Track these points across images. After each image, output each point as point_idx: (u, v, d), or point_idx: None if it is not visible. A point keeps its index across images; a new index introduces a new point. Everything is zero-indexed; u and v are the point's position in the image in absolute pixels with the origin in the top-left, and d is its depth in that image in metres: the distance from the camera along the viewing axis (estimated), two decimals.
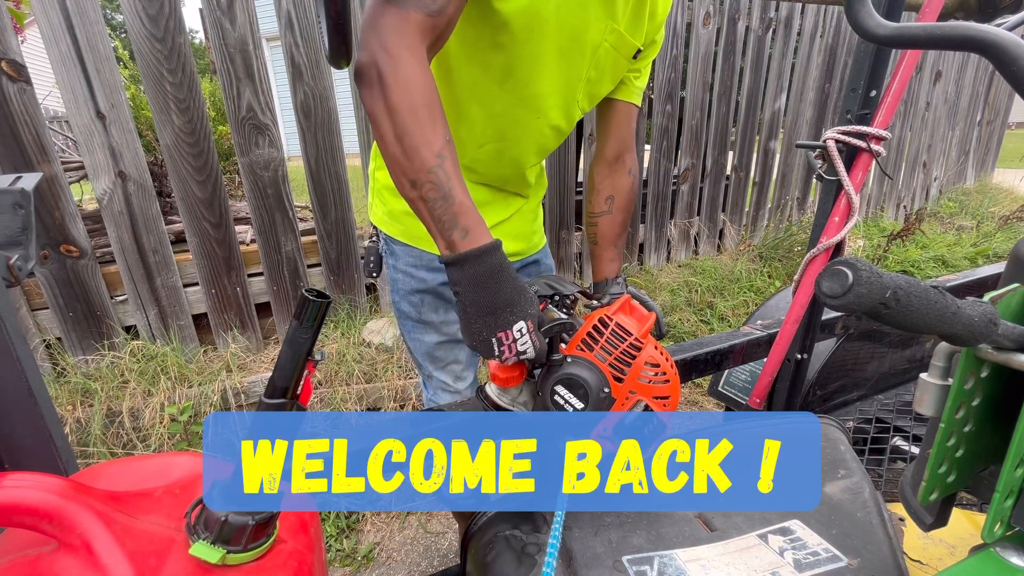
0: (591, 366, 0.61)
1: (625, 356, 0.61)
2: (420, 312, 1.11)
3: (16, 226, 0.54)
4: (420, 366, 1.20)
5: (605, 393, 0.60)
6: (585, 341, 0.63)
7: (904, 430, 1.19)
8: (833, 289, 0.32)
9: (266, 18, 2.36)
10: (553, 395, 0.61)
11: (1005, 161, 6.64)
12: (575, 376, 0.60)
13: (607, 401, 0.61)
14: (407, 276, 1.08)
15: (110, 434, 1.84)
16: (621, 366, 0.61)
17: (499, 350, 0.60)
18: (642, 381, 0.61)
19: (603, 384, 0.60)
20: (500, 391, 0.66)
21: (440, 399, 1.22)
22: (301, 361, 0.44)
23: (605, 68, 0.92)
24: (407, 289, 1.09)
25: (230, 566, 0.43)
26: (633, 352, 0.61)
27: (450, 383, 1.18)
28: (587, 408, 0.60)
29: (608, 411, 0.61)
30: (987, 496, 0.43)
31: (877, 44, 0.70)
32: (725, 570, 0.54)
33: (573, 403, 0.60)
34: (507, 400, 0.66)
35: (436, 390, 1.22)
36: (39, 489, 0.38)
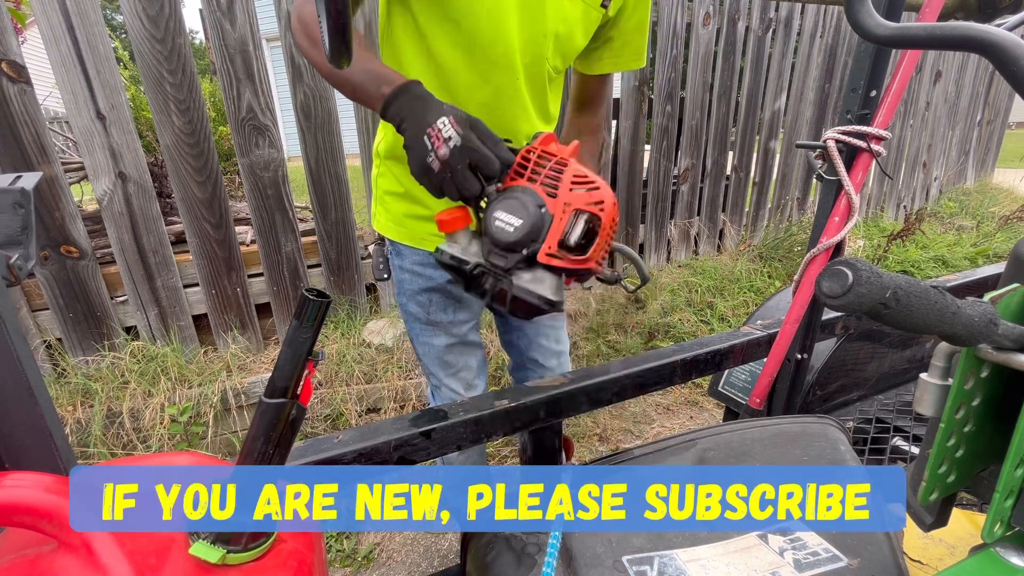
0: (524, 188, 0.66)
1: (553, 173, 0.65)
2: (429, 312, 1.09)
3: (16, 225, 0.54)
4: (430, 375, 1.18)
5: (542, 209, 0.64)
6: (516, 172, 0.67)
7: (904, 430, 1.19)
8: (833, 289, 0.32)
9: (266, 18, 2.37)
10: (493, 222, 0.65)
11: (1005, 161, 6.64)
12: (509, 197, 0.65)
13: (545, 217, 0.64)
14: (414, 275, 1.07)
15: (110, 434, 1.84)
16: (551, 183, 0.65)
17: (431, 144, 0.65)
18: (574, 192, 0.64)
19: (537, 200, 0.64)
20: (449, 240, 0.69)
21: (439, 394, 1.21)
22: (301, 361, 0.44)
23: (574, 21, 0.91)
24: (415, 289, 1.08)
25: (230, 566, 0.43)
26: (560, 168, 0.65)
27: (461, 392, 1.16)
28: (524, 223, 0.63)
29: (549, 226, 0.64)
30: (987, 496, 0.43)
31: (877, 44, 0.70)
32: (725, 570, 0.54)
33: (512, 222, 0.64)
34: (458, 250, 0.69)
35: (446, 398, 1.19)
36: (39, 488, 0.38)
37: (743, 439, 0.75)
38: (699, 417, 2.32)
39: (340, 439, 0.73)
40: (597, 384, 0.86)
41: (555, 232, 0.64)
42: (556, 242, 0.64)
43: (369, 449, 0.72)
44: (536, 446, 0.87)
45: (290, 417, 0.45)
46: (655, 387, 0.94)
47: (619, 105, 2.89)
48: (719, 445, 0.75)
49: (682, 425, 2.27)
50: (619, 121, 2.92)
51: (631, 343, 2.68)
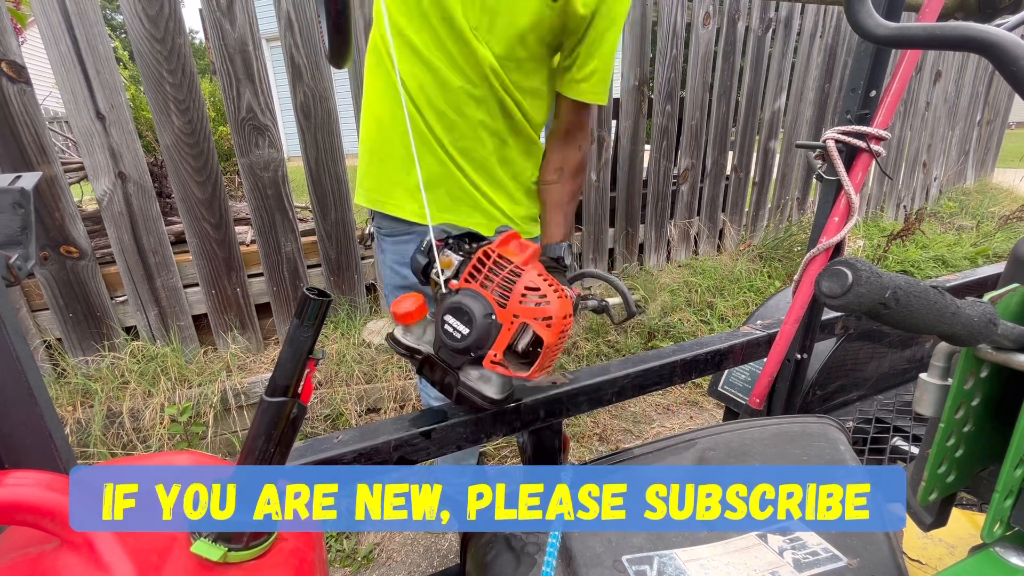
0: (475, 295, 0.67)
1: (506, 283, 0.66)
2: None
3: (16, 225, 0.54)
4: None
5: (490, 318, 0.66)
6: (471, 274, 0.68)
7: (904, 430, 1.19)
8: (833, 289, 0.32)
9: (266, 18, 2.36)
10: (443, 324, 0.67)
11: (1005, 161, 6.64)
12: (459, 304, 0.67)
13: (493, 326, 0.66)
14: (393, 272, 1.14)
15: (110, 435, 1.84)
16: (504, 292, 0.66)
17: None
18: (524, 305, 0.65)
19: (487, 310, 0.66)
20: (404, 331, 0.72)
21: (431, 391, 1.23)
22: (302, 360, 0.44)
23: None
24: (393, 285, 1.15)
25: (231, 564, 0.43)
26: (513, 278, 0.66)
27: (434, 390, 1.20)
28: (472, 333, 0.65)
29: (496, 335, 0.66)
30: (987, 496, 0.43)
31: (877, 44, 0.70)
32: (725, 570, 0.55)
33: (460, 329, 0.66)
34: (412, 340, 0.72)
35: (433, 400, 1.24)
36: (42, 487, 0.38)
37: (743, 439, 0.75)
38: (699, 417, 2.32)
39: (340, 439, 0.73)
40: (597, 384, 0.86)
41: (502, 341, 0.66)
42: (503, 350, 0.66)
43: (369, 449, 0.72)
44: (536, 446, 0.87)
45: (291, 416, 0.45)
46: (655, 387, 0.94)
47: (619, 105, 2.89)
48: (719, 445, 0.75)
49: (682, 425, 2.27)
50: (619, 121, 2.92)
51: (631, 343, 2.68)
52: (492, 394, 0.69)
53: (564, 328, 0.67)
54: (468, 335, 0.66)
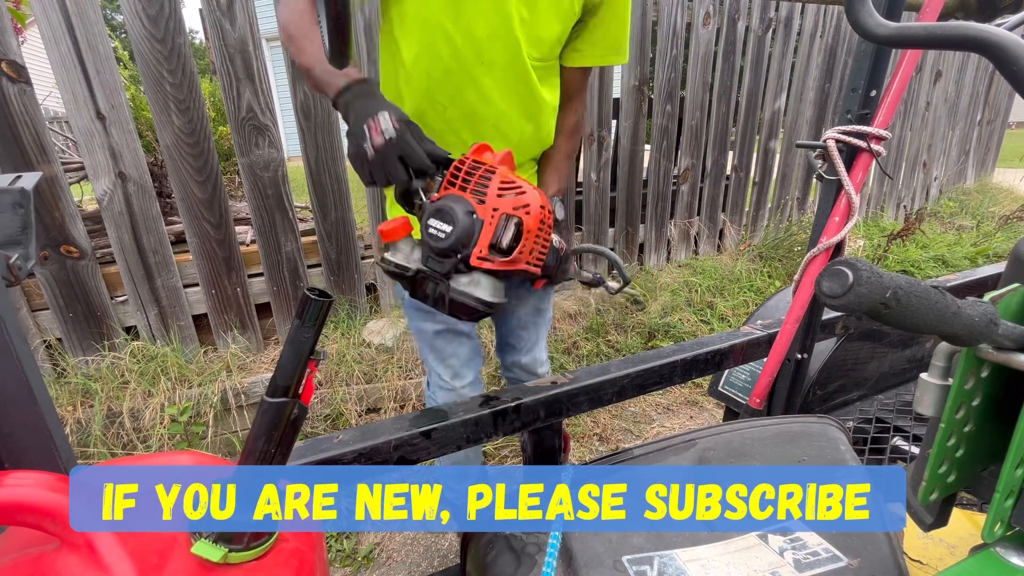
0: (455, 197, 0.70)
1: (482, 181, 0.70)
2: None
3: (16, 225, 0.54)
4: (424, 361, 1.26)
5: (472, 216, 0.68)
6: (448, 182, 0.72)
7: (904, 430, 1.19)
8: (833, 289, 0.32)
9: (266, 18, 2.36)
10: (427, 229, 0.70)
11: (1005, 161, 6.64)
12: (440, 206, 0.69)
13: (476, 223, 0.68)
14: None
15: (110, 434, 1.84)
16: (480, 190, 0.70)
17: (369, 135, 0.70)
18: (503, 198, 0.69)
19: (467, 208, 0.69)
20: (392, 249, 0.74)
21: (438, 396, 1.24)
22: (303, 360, 0.44)
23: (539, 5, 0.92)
24: None
25: (232, 565, 0.43)
26: (488, 175, 0.70)
27: (447, 379, 1.21)
28: (455, 230, 0.68)
29: (479, 231, 0.68)
30: (987, 496, 0.43)
31: (877, 44, 0.70)
32: (725, 570, 0.55)
33: (443, 228, 0.68)
34: (401, 257, 0.73)
35: (435, 388, 1.25)
36: (42, 487, 0.38)
37: (743, 439, 0.75)
38: (699, 417, 2.32)
39: (340, 439, 0.73)
40: (597, 384, 0.86)
41: (485, 236, 0.68)
42: (487, 246, 0.68)
43: (369, 449, 0.72)
44: (536, 446, 0.87)
45: (292, 416, 0.45)
46: (655, 387, 0.94)
47: (619, 105, 2.89)
48: (719, 445, 0.75)
49: (682, 425, 2.27)
50: (619, 121, 2.92)
51: (631, 343, 2.68)
52: (484, 295, 0.70)
53: (543, 218, 0.71)
54: (451, 232, 0.68)
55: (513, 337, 1.30)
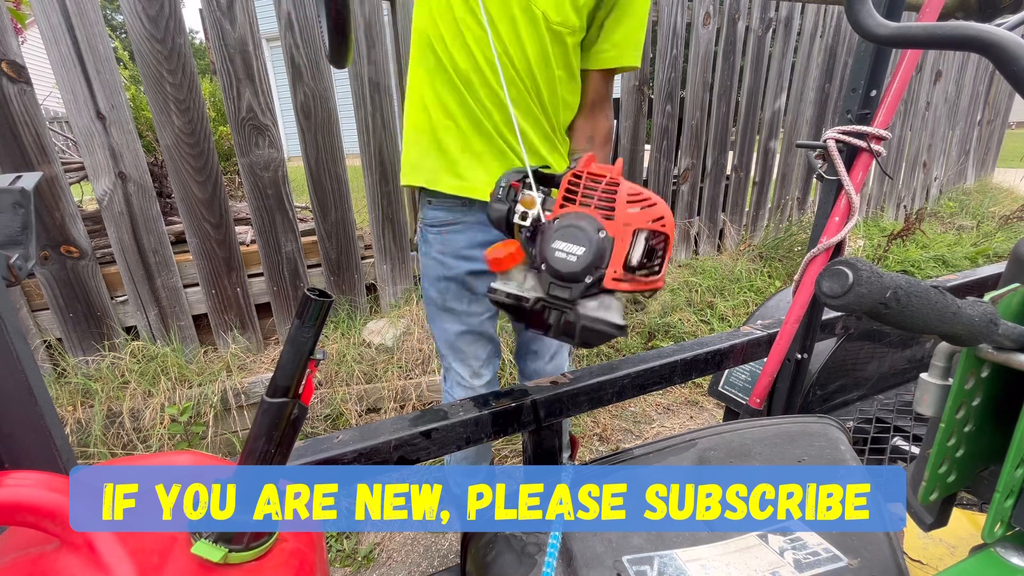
0: (579, 214, 0.63)
1: (607, 196, 0.63)
2: (445, 299, 1.15)
3: (16, 225, 0.54)
4: (442, 357, 1.25)
5: (602, 234, 0.62)
6: (566, 199, 0.65)
7: (904, 430, 1.19)
8: (833, 289, 0.32)
9: (266, 18, 2.36)
10: (553, 253, 0.63)
11: (1005, 161, 6.64)
12: (566, 225, 0.62)
13: (607, 241, 0.62)
14: (437, 263, 1.13)
15: (110, 435, 1.84)
16: (606, 205, 0.63)
17: None
18: (632, 211, 0.62)
19: (596, 225, 0.62)
20: (503, 279, 0.67)
21: (455, 393, 1.24)
22: (303, 360, 0.44)
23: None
24: (436, 275, 1.14)
25: (232, 565, 0.43)
26: (612, 189, 0.63)
27: (466, 377, 1.21)
28: (587, 251, 0.61)
29: (611, 250, 0.62)
30: (987, 496, 0.43)
31: (877, 44, 0.70)
32: (725, 570, 0.55)
33: (574, 251, 0.62)
34: (515, 287, 0.66)
35: (453, 384, 1.25)
36: (42, 487, 0.38)
37: (743, 439, 0.75)
38: (699, 417, 2.32)
39: (340, 439, 0.73)
40: (597, 384, 0.86)
41: (619, 255, 0.62)
42: (621, 265, 0.62)
43: (369, 449, 0.72)
44: (536, 446, 0.87)
45: (292, 416, 0.45)
46: (655, 387, 0.94)
47: (619, 105, 2.89)
48: (719, 445, 0.75)
49: (682, 425, 2.27)
50: (619, 121, 2.92)
51: (631, 343, 2.68)
52: (617, 319, 0.63)
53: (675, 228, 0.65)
54: (584, 254, 0.61)
55: (536, 342, 1.28)
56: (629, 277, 0.62)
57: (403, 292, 2.50)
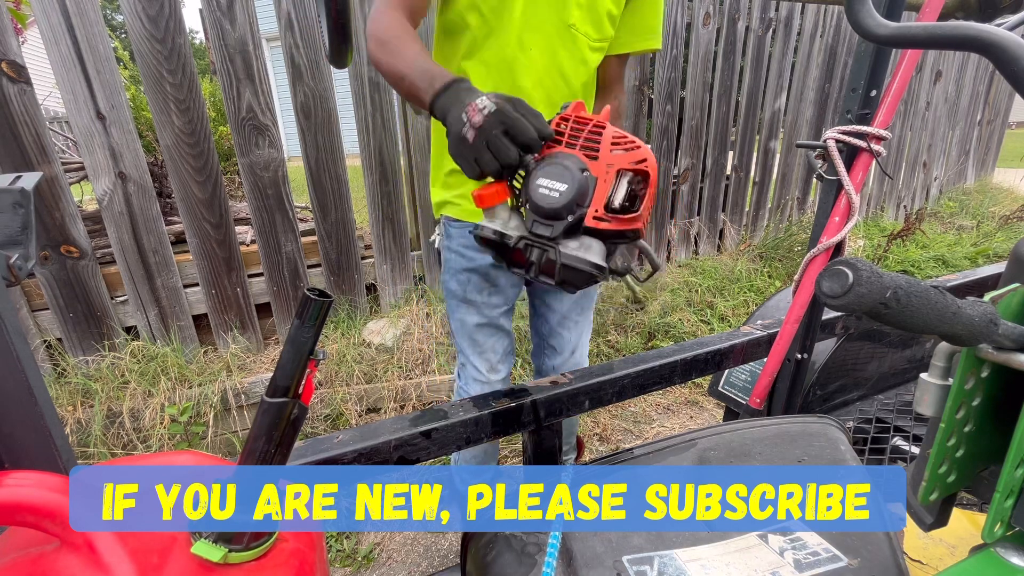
0: (563, 154, 0.64)
1: (592, 137, 0.65)
2: (466, 291, 1.17)
3: (16, 225, 0.54)
4: (460, 352, 1.26)
5: (585, 173, 0.63)
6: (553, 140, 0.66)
7: (904, 430, 1.19)
8: (833, 289, 0.32)
9: (266, 18, 2.36)
10: (538, 190, 0.64)
11: (1005, 161, 6.64)
12: (552, 163, 0.64)
13: (590, 180, 0.63)
14: (459, 255, 1.15)
15: (110, 435, 1.84)
16: (591, 146, 0.64)
17: (466, 117, 0.66)
18: (616, 153, 0.63)
19: (579, 164, 0.63)
20: (488, 216, 0.68)
21: (471, 389, 1.24)
22: (303, 360, 0.44)
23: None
24: (457, 268, 1.16)
25: (232, 565, 0.43)
26: (598, 131, 0.65)
27: (483, 372, 1.23)
28: (569, 187, 0.62)
29: (594, 189, 0.63)
30: (987, 496, 0.43)
31: (877, 44, 0.70)
32: (725, 570, 0.55)
33: (556, 187, 0.63)
34: (499, 224, 0.68)
35: (468, 379, 1.26)
36: (42, 487, 0.38)
37: (743, 439, 0.75)
38: (699, 417, 2.32)
39: (340, 439, 0.73)
40: (597, 384, 0.86)
41: (601, 194, 0.63)
42: (602, 204, 0.63)
43: (369, 449, 0.72)
44: (536, 446, 0.87)
45: (292, 416, 0.45)
46: (655, 387, 0.94)
47: None
48: (719, 445, 0.75)
49: (682, 425, 2.27)
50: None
51: (631, 343, 2.68)
52: (596, 259, 0.64)
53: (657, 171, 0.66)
54: (566, 190, 0.62)
55: (555, 337, 1.28)
56: (610, 216, 0.63)
57: (403, 292, 2.50)
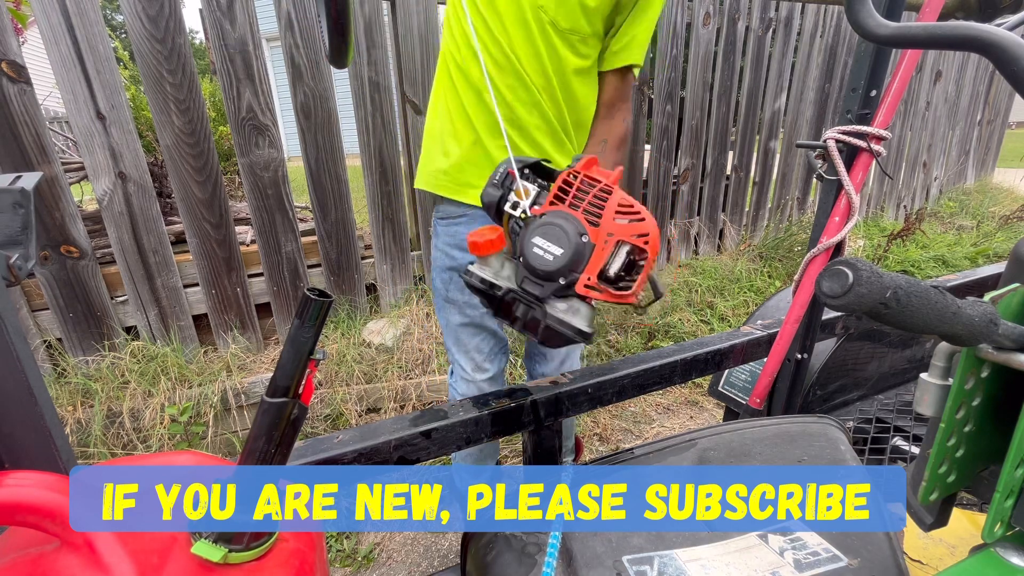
0: (565, 215, 0.63)
1: (597, 201, 0.62)
2: (448, 289, 1.19)
3: (16, 225, 0.54)
4: (447, 350, 1.28)
5: (583, 239, 0.62)
6: (557, 197, 0.64)
7: (904, 430, 1.19)
8: (833, 289, 0.32)
9: (266, 18, 2.36)
10: (532, 248, 0.62)
11: (1005, 161, 6.64)
12: (550, 223, 0.62)
13: (587, 247, 0.62)
14: (443, 254, 1.17)
15: (110, 435, 1.84)
16: (594, 210, 0.62)
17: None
18: (618, 222, 0.61)
19: (579, 229, 0.62)
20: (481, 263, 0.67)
21: (459, 388, 1.26)
22: (303, 360, 0.44)
23: None
24: (441, 266, 1.18)
25: (232, 565, 0.43)
26: (604, 196, 0.63)
27: (469, 371, 1.24)
28: (565, 252, 0.61)
29: (590, 256, 0.62)
30: (987, 496, 0.43)
31: (877, 44, 0.70)
32: (725, 570, 0.55)
33: (551, 250, 0.61)
34: (490, 273, 0.67)
35: (457, 378, 1.28)
36: (42, 487, 0.38)
37: (743, 439, 0.75)
38: (699, 417, 2.33)
39: (340, 439, 0.73)
40: (597, 384, 0.86)
41: (595, 263, 0.61)
42: (596, 273, 0.61)
43: (369, 449, 0.72)
44: (536, 446, 0.87)
45: (292, 416, 0.45)
46: (655, 387, 0.94)
47: None
48: (719, 445, 0.75)
49: (682, 425, 2.27)
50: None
51: (631, 343, 2.68)
52: (583, 326, 0.63)
53: (659, 246, 0.65)
54: (561, 255, 0.61)
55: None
56: (602, 287, 0.62)
57: (403, 292, 2.50)
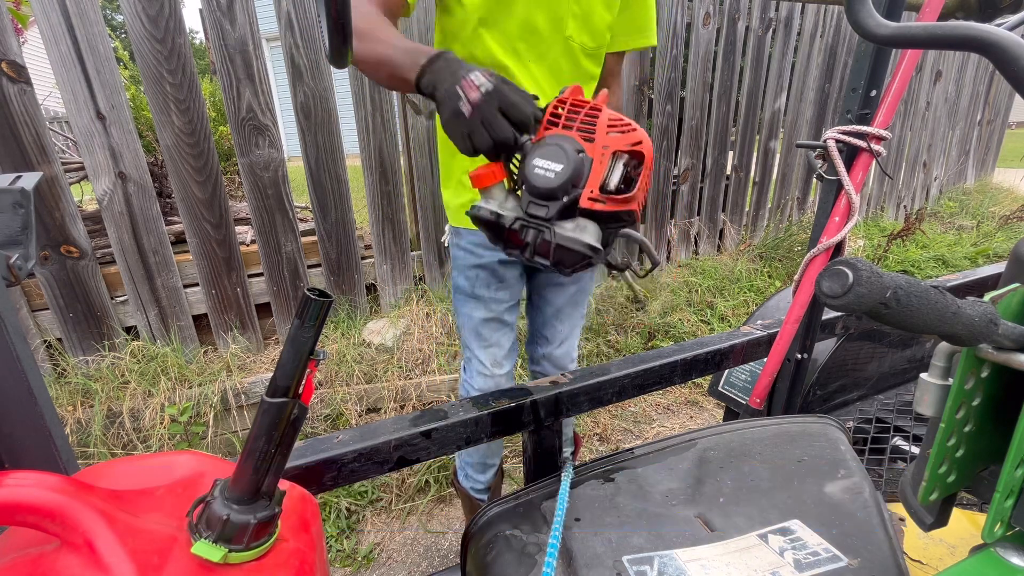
0: (561, 136, 0.66)
1: (588, 120, 0.66)
2: (474, 286, 1.21)
3: (16, 225, 0.54)
4: (465, 346, 1.30)
5: (580, 154, 0.64)
6: (549, 123, 0.68)
7: (904, 430, 1.19)
8: (833, 289, 0.32)
9: (266, 18, 2.36)
10: (533, 170, 0.64)
11: (1005, 161, 6.64)
12: (548, 144, 0.65)
13: (585, 161, 0.64)
14: (468, 253, 1.19)
15: (110, 435, 1.84)
16: (587, 128, 0.65)
17: (463, 92, 0.66)
18: (612, 135, 0.65)
19: (576, 146, 0.65)
20: (485, 196, 0.69)
21: (476, 383, 1.27)
22: (303, 360, 0.44)
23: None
24: (467, 264, 1.20)
25: (232, 565, 0.43)
26: (594, 114, 0.66)
27: (488, 366, 1.25)
28: (565, 168, 0.63)
29: (589, 170, 0.64)
30: (987, 496, 0.43)
31: (877, 44, 0.70)
32: (725, 570, 0.55)
33: (552, 167, 0.64)
34: (495, 205, 0.68)
35: (474, 373, 1.28)
36: (42, 488, 0.38)
37: (743, 439, 0.75)
38: (699, 417, 2.33)
39: (340, 439, 0.73)
40: (597, 384, 0.86)
41: (596, 175, 0.64)
42: (598, 186, 0.64)
43: (369, 449, 0.72)
44: (536, 446, 0.87)
45: (292, 416, 0.45)
46: (655, 387, 0.94)
47: None
48: (719, 445, 0.75)
49: (682, 425, 2.27)
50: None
51: (631, 343, 2.68)
52: (592, 241, 0.65)
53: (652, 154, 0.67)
54: (562, 171, 0.63)
55: (548, 328, 1.33)
56: (605, 197, 0.64)
57: (403, 292, 2.50)
